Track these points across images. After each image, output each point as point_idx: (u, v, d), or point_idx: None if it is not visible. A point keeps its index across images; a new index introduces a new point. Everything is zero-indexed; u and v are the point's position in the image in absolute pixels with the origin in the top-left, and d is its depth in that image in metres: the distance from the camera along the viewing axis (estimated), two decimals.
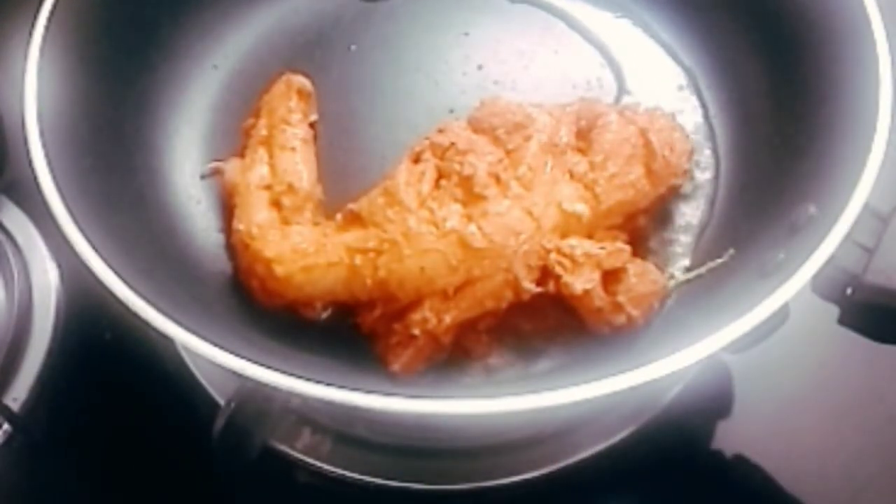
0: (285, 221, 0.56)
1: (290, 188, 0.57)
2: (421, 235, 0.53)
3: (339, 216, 0.56)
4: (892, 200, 0.52)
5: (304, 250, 0.54)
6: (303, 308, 0.55)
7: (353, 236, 0.54)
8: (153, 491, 0.63)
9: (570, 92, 0.67)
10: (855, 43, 0.55)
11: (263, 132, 0.59)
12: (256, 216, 0.56)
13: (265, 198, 0.57)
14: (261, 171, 0.57)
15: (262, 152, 0.58)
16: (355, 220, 0.55)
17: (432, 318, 0.52)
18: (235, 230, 0.56)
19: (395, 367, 0.53)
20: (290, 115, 0.59)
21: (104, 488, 0.64)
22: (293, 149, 0.57)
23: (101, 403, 0.66)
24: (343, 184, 0.60)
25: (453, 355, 0.55)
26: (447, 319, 0.53)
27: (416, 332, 0.53)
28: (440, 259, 0.52)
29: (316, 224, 0.57)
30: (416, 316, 0.53)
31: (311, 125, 0.62)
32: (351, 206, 0.55)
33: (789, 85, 0.60)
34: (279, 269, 0.54)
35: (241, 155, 0.60)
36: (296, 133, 0.58)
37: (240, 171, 0.58)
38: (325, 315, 0.55)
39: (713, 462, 0.64)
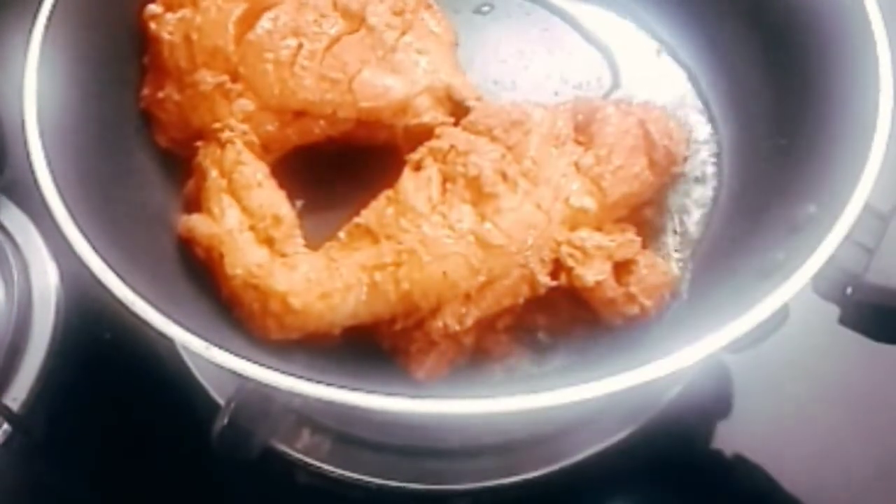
0: (281, 254, 0.55)
1: (276, 219, 0.55)
2: (438, 240, 0.52)
3: (341, 234, 0.55)
4: (892, 200, 0.52)
5: (317, 278, 0.53)
6: (320, 339, 0.54)
7: (366, 254, 0.53)
8: (153, 491, 0.63)
9: (571, 92, 0.67)
10: (855, 43, 0.55)
11: (221, 182, 0.57)
12: (251, 257, 0.54)
13: (252, 238, 0.55)
14: (235, 217, 0.56)
15: (227, 200, 0.56)
16: (364, 234, 0.54)
17: (453, 322, 0.52)
18: (232, 277, 0.54)
19: (420, 374, 0.53)
20: (241, 156, 0.58)
21: (104, 488, 0.64)
22: (260, 184, 0.57)
23: (100, 403, 0.66)
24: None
25: (473, 357, 0.55)
26: (468, 321, 0.53)
27: (437, 337, 0.52)
28: (461, 261, 0.52)
29: (313, 249, 0.56)
30: (437, 322, 0.52)
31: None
32: (357, 220, 0.55)
33: (790, 85, 0.60)
34: (296, 302, 0.52)
35: (195, 211, 0.58)
36: (255, 170, 0.58)
37: (212, 222, 0.56)
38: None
39: (713, 462, 0.64)
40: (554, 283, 0.54)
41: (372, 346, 0.55)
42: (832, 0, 0.57)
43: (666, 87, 0.67)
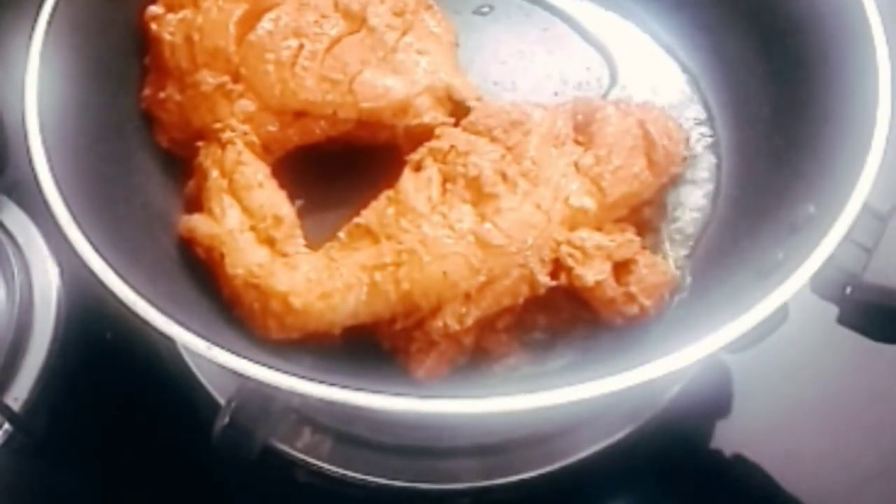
0: (281, 254, 0.55)
1: (277, 219, 0.56)
2: (438, 240, 0.52)
3: (341, 234, 0.55)
4: (891, 200, 0.52)
5: (317, 278, 0.53)
6: (321, 338, 0.54)
7: (366, 254, 0.53)
8: (153, 490, 0.63)
9: (571, 92, 0.67)
10: (854, 43, 0.55)
11: (221, 182, 0.57)
12: (252, 257, 0.54)
13: (252, 238, 0.55)
14: (236, 217, 0.56)
15: (228, 200, 0.57)
16: (364, 234, 0.54)
17: (453, 322, 0.52)
18: (233, 277, 0.54)
19: (420, 374, 0.53)
20: (242, 156, 0.58)
21: (104, 488, 0.64)
22: (261, 185, 0.57)
23: (101, 403, 0.66)
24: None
25: (473, 357, 0.55)
26: (468, 321, 0.53)
27: (437, 337, 0.53)
28: (461, 261, 0.52)
29: (314, 249, 0.56)
30: (437, 322, 0.52)
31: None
32: (357, 220, 0.55)
33: (789, 85, 0.60)
34: (296, 301, 0.52)
35: (195, 211, 0.58)
36: (255, 170, 0.58)
37: (212, 222, 0.56)
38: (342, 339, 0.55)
39: (712, 461, 0.64)
40: (554, 283, 0.54)
41: (372, 346, 0.55)
42: (832, 1, 0.57)
43: (666, 88, 0.67)
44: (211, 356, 0.46)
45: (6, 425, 0.64)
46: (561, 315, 0.56)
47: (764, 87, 0.63)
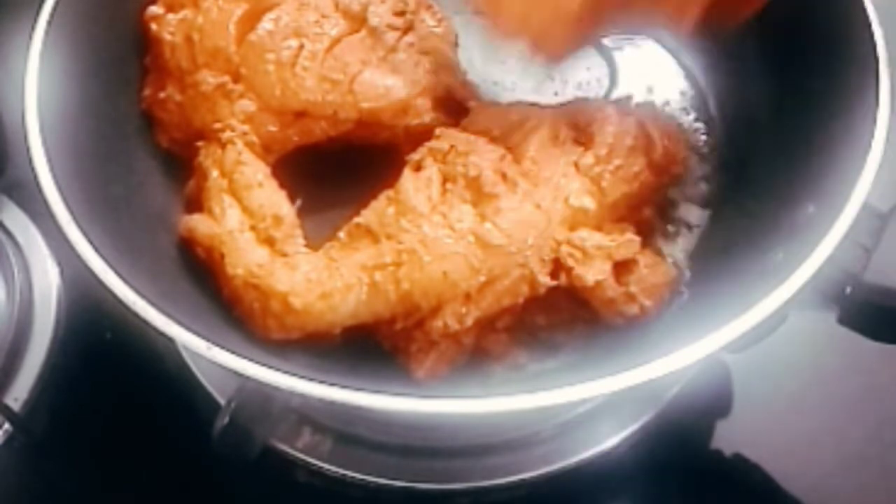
0: (281, 254, 0.55)
1: (277, 219, 0.56)
2: (438, 240, 0.52)
3: (341, 234, 0.55)
4: (891, 200, 0.52)
5: (317, 278, 0.53)
6: (321, 338, 0.54)
7: (366, 254, 0.53)
8: (153, 491, 0.63)
9: (571, 92, 0.67)
10: (854, 43, 0.55)
11: (221, 182, 0.57)
12: (252, 257, 0.54)
13: (252, 238, 0.55)
14: (236, 217, 0.56)
15: (228, 200, 0.57)
16: (364, 234, 0.54)
17: (453, 322, 0.52)
18: (232, 277, 0.54)
19: (420, 374, 0.53)
20: (242, 156, 0.58)
21: (104, 488, 0.64)
22: (261, 185, 0.57)
23: (101, 403, 0.66)
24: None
25: (473, 356, 0.55)
26: (468, 321, 0.53)
27: (437, 337, 0.53)
28: (462, 261, 0.52)
29: (313, 249, 0.56)
30: (437, 322, 0.52)
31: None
32: (357, 220, 0.55)
33: (789, 84, 0.60)
34: (296, 302, 0.52)
35: (195, 211, 0.58)
36: (255, 170, 0.58)
37: (212, 222, 0.56)
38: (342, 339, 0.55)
39: (712, 461, 0.64)
40: (554, 283, 0.54)
41: (372, 345, 0.55)
42: (832, 1, 0.57)
43: (666, 88, 0.68)
44: (211, 356, 0.46)
45: (6, 425, 0.64)
46: (561, 315, 0.56)
47: (764, 86, 0.63)
